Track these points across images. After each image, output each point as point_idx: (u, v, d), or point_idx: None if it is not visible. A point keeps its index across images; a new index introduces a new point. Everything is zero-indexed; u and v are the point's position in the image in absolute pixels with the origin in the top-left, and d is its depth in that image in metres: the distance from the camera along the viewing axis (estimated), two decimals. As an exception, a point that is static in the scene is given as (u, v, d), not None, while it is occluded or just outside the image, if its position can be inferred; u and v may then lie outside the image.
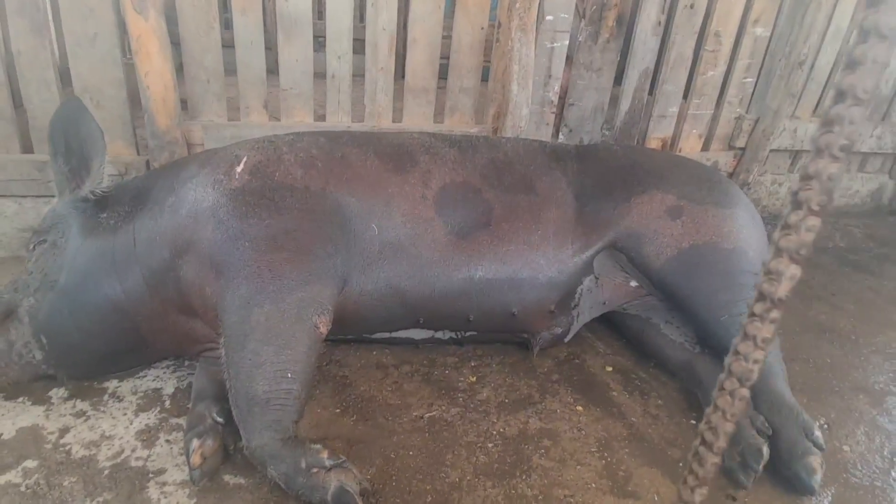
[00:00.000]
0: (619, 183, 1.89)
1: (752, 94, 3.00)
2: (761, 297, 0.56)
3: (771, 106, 2.93)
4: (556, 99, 2.65)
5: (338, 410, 1.68)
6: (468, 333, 1.91)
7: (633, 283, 1.91)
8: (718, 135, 3.06)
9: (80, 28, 2.08)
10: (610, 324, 2.15)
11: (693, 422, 1.76)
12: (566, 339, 1.97)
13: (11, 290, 1.63)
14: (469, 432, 1.63)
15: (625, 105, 2.83)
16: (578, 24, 2.65)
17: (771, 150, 3.07)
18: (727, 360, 0.61)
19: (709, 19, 2.75)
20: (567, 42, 2.55)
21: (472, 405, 1.74)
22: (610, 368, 1.98)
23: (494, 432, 1.64)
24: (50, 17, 2.20)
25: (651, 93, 2.88)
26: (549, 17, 2.47)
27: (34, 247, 1.63)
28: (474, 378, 1.87)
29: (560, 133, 2.80)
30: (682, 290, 1.79)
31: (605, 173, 1.93)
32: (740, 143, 3.05)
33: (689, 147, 3.03)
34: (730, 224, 1.82)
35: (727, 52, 2.83)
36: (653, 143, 2.95)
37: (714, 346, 1.80)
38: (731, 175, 3.12)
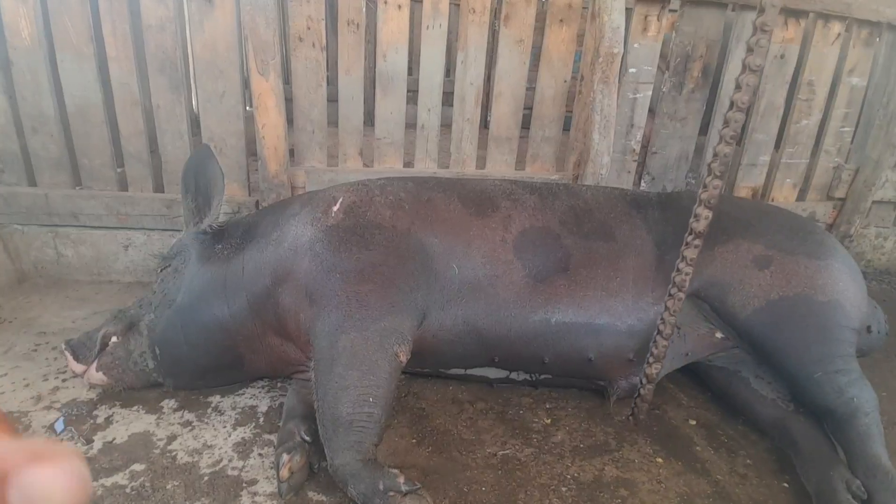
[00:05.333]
0: None
1: (852, 143, 2.87)
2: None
3: (871, 156, 2.78)
4: (637, 147, 2.67)
5: (414, 441, 1.73)
6: (543, 376, 1.91)
7: (719, 335, 1.85)
8: (815, 184, 2.93)
9: (211, 86, 2.39)
10: (694, 376, 2.07)
11: (786, 484, 1.64)
12: (645, 389, 1.92)
13: (137, 306, 1.85)
14: (542, 474, 1.62)
15: (711, 153, 2.79)
16: (662, 76, 2.68)
17: (874, 202, 2.88)
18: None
19: (801, 69, 2.69)
20: (650, 93, 2.59)
21: (546, 447, 1.73)
22: (693, 422, 1.90)
23: (568, 476, 1.62)
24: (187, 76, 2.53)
25: (740, 142, 2.83)
26: (632, 70, 2.54)
27: (161, 270, 1.86)
28: (549, 420, 1.86)
29: (642, 181, 2.80)
30: (770, 343, 1.71)
31: (687, 222, 1.91)
32: (840, 193, 2.90)
33: (783, 196, 2.92)
34: (824, 276, 1.73)
35: (822, 101, 2.75)
36: (742, 191, 2.87)
37: (807, 404, 1.69)
38: (830, 227, 2.95)
